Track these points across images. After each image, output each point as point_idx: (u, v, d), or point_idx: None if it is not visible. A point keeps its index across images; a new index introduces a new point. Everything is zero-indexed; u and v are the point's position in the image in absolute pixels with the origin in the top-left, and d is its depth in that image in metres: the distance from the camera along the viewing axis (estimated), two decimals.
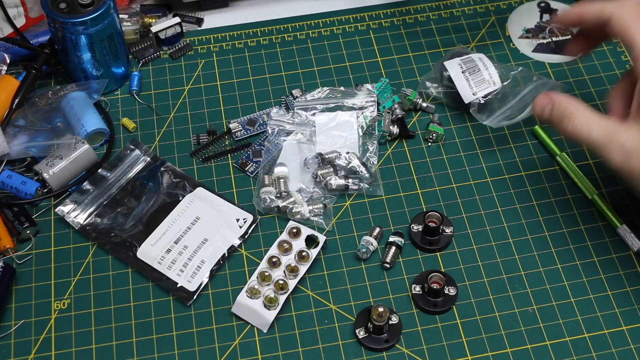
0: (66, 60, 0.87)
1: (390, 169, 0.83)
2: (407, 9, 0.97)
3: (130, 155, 0.83)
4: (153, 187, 0.81)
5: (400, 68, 0.91)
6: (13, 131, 0.83)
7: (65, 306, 0.74)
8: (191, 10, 0.97)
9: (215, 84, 0.90)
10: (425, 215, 0.77)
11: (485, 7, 0.97)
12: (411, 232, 0.77)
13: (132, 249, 0.77)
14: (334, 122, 0.84)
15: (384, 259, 0.75)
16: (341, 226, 0.79)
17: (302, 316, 0.73)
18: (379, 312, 0.70)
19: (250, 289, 0.73)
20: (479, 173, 0.83)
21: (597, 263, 0.76)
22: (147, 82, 0.91)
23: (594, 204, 0.80)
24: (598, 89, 0.89)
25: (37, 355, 0.71)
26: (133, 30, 0.93)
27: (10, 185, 0.80)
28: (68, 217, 0.79)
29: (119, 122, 0.87)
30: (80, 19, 0.81)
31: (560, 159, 0.83)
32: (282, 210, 0.79)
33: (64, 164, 0.80)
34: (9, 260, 0.77)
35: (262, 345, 0.72)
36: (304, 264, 0.75)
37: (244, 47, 0.94)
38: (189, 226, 0.78)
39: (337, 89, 0.87)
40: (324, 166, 0.80)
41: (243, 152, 0.84)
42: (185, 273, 0.75)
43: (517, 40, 0.94)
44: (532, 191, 0.81)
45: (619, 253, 0.77)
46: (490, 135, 0.85)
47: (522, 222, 0.79)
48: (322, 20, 0.96)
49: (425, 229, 0.76)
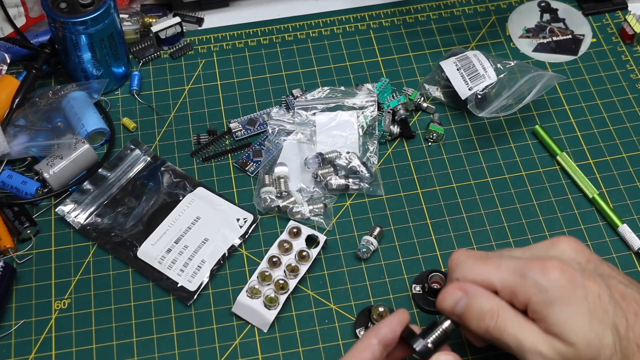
0: (66, 60, 0.87)
1: (390, 168, 0.83)
2: (407, 8, 0.97)
3: (130, 155, 0.83)
4: (153, 186, 0.81)
5: (401, 68, 0.91)
6: (13, 131, 0.83)
7: (65, 306, 0.74)
8: (191, 10, 0.97)
9: (216, 83, 0.90)
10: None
11: (486, 7, 0.97)
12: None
13: (133, 248, 0.77)
14: (334, 122, 0.84)
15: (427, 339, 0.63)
16: (341, 226, 0.79)
17: (302, 316, 0.73)
18: (379, 312, 0.70)
19: (251, 288, 0.73)
20: (479, 173, 0.83)
21: None
22: (147, 82, 0.91)
23: (594, 204, 0.80)
24: (598, 88, 0.89)
25: (38, 355, 0.71)
26: (133, 30, 0.93)
27: (11, 185, 0.80)
28: (68, 216, 0.79)
29: (119, 122, 0.87)
30: (81, 18, 0.81)
31: (561, 158, 0.83)
32: (282, 210, 0.79)
33: (64, 163, 0.80)
34: (9, 260, 0.77)
35: (263, 345, 0.72)
36: (305, 264, 0.75)
37: (244, 46, 0.94)
38: (190, 226, 0.78)
39: (337, 88, 0.87)
40: (324, 166, 0.80)
41: (243, 151, 0.84)
42: (186, 273, 0.75)
43: (517, 40, 0.94)
44: (532, 191, 0.81)
45: (619, 253, 0.77)
46: (491, 135, 0.85)
47: (522, 222, 0.79)
48: (323, 20, 0.96)
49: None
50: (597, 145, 0.84)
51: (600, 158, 0.83)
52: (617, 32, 0.94)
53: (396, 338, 0.61)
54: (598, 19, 0.95)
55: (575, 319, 0.56)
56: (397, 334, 0.61)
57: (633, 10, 0.95)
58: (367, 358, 0.60)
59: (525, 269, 0.59)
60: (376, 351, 0.60)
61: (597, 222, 0.79)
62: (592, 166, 0.83)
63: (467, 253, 0.62)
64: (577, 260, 0.60)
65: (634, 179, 0.82)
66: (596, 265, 0.60)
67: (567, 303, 0.57)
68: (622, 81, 0.90)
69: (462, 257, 0.62)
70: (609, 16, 0.96)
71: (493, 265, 0.60)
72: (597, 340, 0.56)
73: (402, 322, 0.61)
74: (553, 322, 0.57)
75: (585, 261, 0.60)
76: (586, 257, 0.60)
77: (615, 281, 0.59)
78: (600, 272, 0.60)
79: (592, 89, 0.89)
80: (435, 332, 0.62)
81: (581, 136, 0.85)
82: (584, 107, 0.87)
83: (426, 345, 0.61)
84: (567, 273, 0.58)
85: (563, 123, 0.86)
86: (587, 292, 0.57)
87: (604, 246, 0.77)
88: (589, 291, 0.57)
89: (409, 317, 0.62)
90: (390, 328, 0.61)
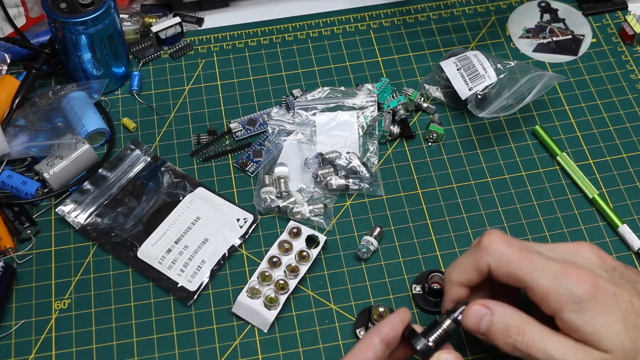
0: (66, 60, 0.87)
1: (390, 168, 0.83)
2: (407, 8, 0.97)
3: (130, 155, 0.83)
4: (153, 187, 0.81)
5: (401, 68, 0.91)
6: (13, 131, 0.83)
7: (65, 306, 0.74)
8: (191, 10, 0.97)
9: (216, 83, 0.90)
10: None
11: (486, 7, 0.97)
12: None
13: (133, 248, 0.77)
14: (334, 122, 0.84)
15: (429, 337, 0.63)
16: (341, 226, 0.79)
17: (302, 316, 0.73)
18: (379, 312, 0.70)
19: (251, 288, 0.73)
20: (479, 173, 0.83)
21: None
22: (147, 82, 0.91)
23: (594, 204, 0.80)
24: (598, 89, 0.89)
25: (38, 355, 0.71)
26: (133, 30, 0.93)
27: (11, 185, 0.80)
28: (68, 217, 0.79)
29: (120, 122, 0.87)
30: (81, 18, 0.81)
31: (561, 158, 0.83)
32: (282, 210, 0.79)
33: (64, 163, 0.80)
34: (9, 260, 0.77)
35: (263, 345, 0.72)
36: (305, 264, 0.75)
37: (244, 47, 0.94)
38: (190, 226, 0.78)
39: (337, 88, 0.87)
40: (325, 166, 0.80)
41: (243, 152, 0.84)
42: (186, 273, 0.75)
43: (517, 40, 0.94)
44: (532, 191, 0.81)
45: (620, 253, 0.77)
46: (491, 135, 0.85)
47: (523, 222, 0.79)
48: (323, 20, 0.96)
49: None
50: (597, 146, 0.84)
51: (600, 158, 0.83)
52: (617, 32, 0.94)
53: (398, 337, 0.61)
54: (598, 19, 0.96)
55: (610, 326, 0.57)
56: (399, 332, 0.61)
57: (633, 10, 0.95)
58: (370, 357, 0.60)
59: (561, 276, 0.58)
60: (378, 350, 0.60)
61: (597, 222, 0.79)
62: (592, 166, 0.83)
63: (505, 239, 0.61)
64: (603, 267, 0.60)
65: (634, 179, 0.82)
66: (622, 272, 0.60)
67: (601, 311, 0.57)
68: (622, 81, 0.90)
69: (500, 244, 0.61)
70: (609, 16, 0.96)
71: (531, 264, 0.60)
72: (634, 345, 0.57)
73: (404, 321, 0.61)
74: (588, 331, 0.57)
75: (612, 269, 0.61)
76: (611, 265, 0.61)
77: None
78: (627, 278, 0.60)
79: (592, 89, 0.89)
80: (436, 331, 0.62)
81: (581, 136, 0.85)
82: (584, 107, 0.87)
83: (427, 344, 0.61)
84: (598, 282, 0.58)
85: (563, 123, 0.86)
86: (619, 299, 0.58)
87: (604, 246, 0.77)
88: (621, 298, 0.58)
89: (410, 316, 0.62)
90: (392, 327, 0.61)
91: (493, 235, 0.62)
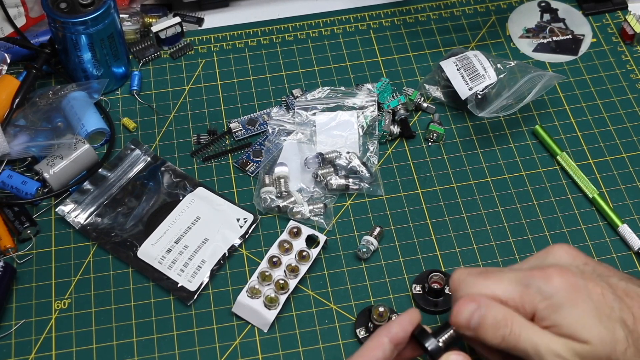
0: (66, 60, 0.87)
1: (390, 168, 0.83)
2: (407, 8, 0.97)
3: (130, 155, 0.83)
4: (153, 186, 0.81)
5: (401, 68, 0.91)
6: (13, 131, 0.83)
7: (65, 306, 0.74)
8: (191, 10, 0.97)
9: (216, 83, 0.90)
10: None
11: (486, 7, 0.97)
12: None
13: (133, 248, 0.77)
14: (334, 122, 0.84)
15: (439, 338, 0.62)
16: (341, 226, 0.79)
17: (302, 316, 0.73)
18: (379, 312, 0.70)
19: (251, 288, 0.73)
20: (479, 173, 0.83)
21: None
22: (147, 82, 0.91)
23: (594, 204, 0.80)
24: (598, 88, 0.89)
25: (38, 355, 0.71)
26: (133, 30, 0.93)
27: (11, 185, 0.80)
28: (68, 216, 0.79)
29: (120, 122, 0.87)
30: (81, 18, 0.81)
31: (561, 158, 0.83)
32: (282, 210, 0.79)
33: (64, 163, 0.80)
34: (9, 260, 0.77)
35: (263, 345, 0.72)
36: (305, 264, 0.75)
37: (244, 46, 0.94)
38: (190, 226, 0.78)
39: (337, 88, 0.87)
40: (325, 166, 0.80)
41: (243, 151, 0.84)
42: (186, 273, 0.75)
43: (517, 40, 0.94)
44: (532, 191, 0.81)
45: (620, 253, 0.77)
46: (491, 135, 0.85)
47: (523, 222, 0.79)
48: (323, 20, 0.96)
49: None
50: (597, 145, 0.84)
51: (600, 158, 0.83)
52: (617, 32, 0.94)
53: (407, 337, 0.61)
54: (598, 19, 0.95)
55: (585, 317, 0.57)
56: (408, 333, 0.61)
57: (633, 10, 0.95)
58: (378, 356, 0.60)
59: (528, 279, 0.59)
60: (387, 350, 0.60)
61: (597, 222, 0.79)
62: (592, 166, 0.83)
63: (467, 271, 0.63)
64: (574, 264, 0.61)
65: (634, 179, 0.82)
66: (594, 267, 0.61)
67: (574, 304, 0.58)
68: (622, 81, 0.90)
69: (463, 276, 0.62)
70: (609, 16, 0.96)
71: (495, 279, 0.61)
72: (610, 335, 0.57)
73: (414, 321, 0.61)
74: (564, 324, 0.58)
75: (583, 264, 0.61)
76: (583, 261, 0.62)
77: (615, 279, 0.60)
78: (599, 272, 0.61)
79: (592, 89, 0.89)
80: (447, 332, 0.62)
81: (581, 136, 0.85)
82: (584, 107, 0.87)
83: (437, 345, 0.61)
84: (568, 277, 0.59)
85: (563, 123, 0.86)
86: (590, 292, 0.58)
87: (604, 246, 0.77)
88: (592, 291, 0.58)
89: (420, 316, 0.62)
90: (402, 327, 0.61)
91: (455, 273, 0.62)
